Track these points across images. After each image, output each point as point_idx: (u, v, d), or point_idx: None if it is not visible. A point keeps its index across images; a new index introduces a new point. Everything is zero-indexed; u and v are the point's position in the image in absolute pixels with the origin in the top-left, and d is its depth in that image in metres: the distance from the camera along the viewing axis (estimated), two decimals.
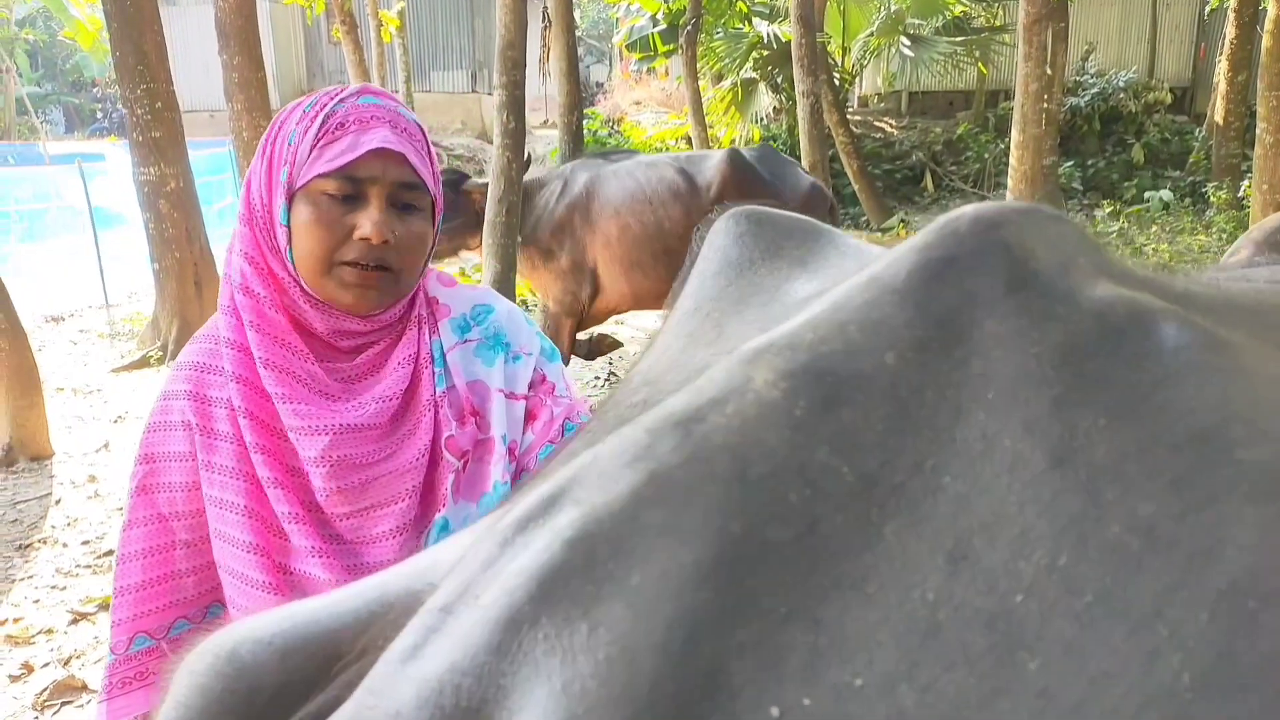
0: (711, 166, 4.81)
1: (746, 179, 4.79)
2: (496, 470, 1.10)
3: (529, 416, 1.14)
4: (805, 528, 0.19)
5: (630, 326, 7.61)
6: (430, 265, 1.16)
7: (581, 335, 5.41)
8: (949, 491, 0.20)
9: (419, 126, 1.10)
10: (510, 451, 1.11)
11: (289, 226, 1.05)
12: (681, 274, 0.32)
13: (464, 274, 7.93)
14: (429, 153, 1.10)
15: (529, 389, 1.15)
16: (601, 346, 5.40)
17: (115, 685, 1.08)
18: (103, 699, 1.08)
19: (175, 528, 1.09)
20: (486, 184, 4.65)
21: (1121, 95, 13.80)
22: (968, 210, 0.23)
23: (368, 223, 1.03)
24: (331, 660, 0.22)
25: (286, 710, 0.22)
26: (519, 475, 1.12)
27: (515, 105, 4.03)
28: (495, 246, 4.01)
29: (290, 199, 1.04)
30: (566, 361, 5.20)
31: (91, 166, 10.06)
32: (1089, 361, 0.21)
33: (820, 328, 0.22)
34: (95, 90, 24.93)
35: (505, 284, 4.01)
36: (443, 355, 1.13)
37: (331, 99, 1.06)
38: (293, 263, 1.06)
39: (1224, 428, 0.20)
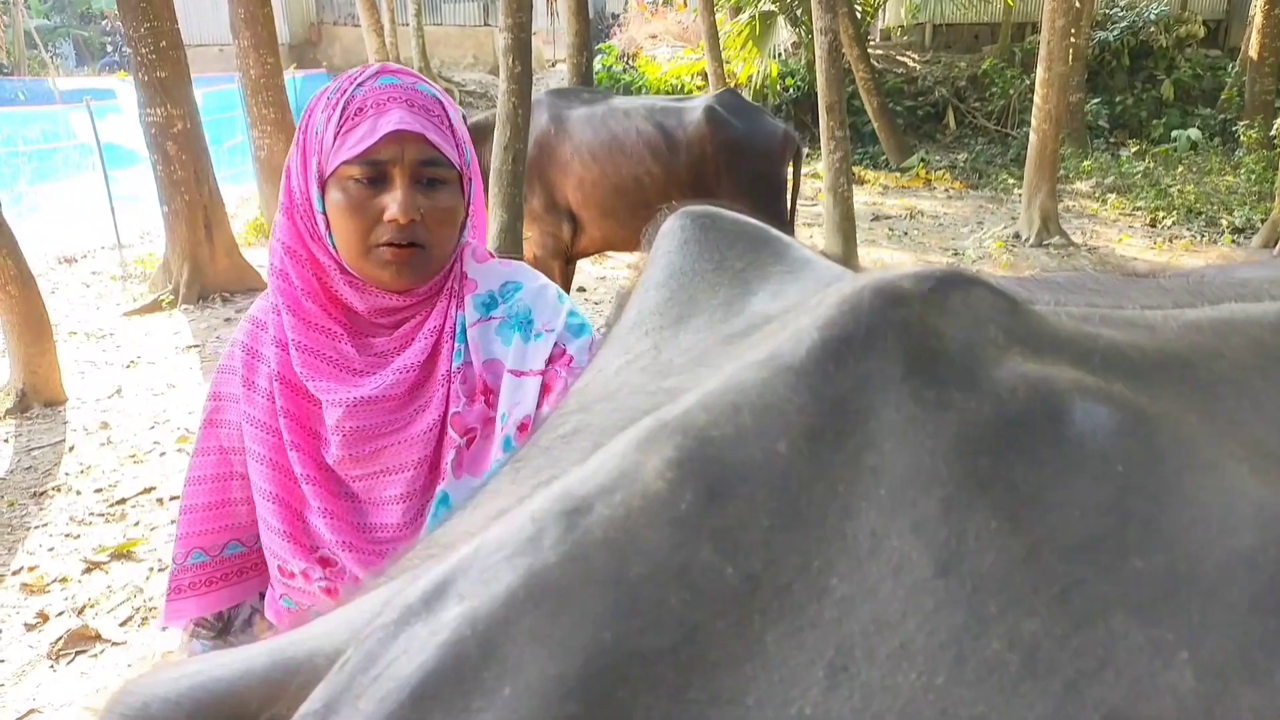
0: (691, 123, 4.76)
1: (725, 135, 4.77)
2: (496, 449, 1.14)
3: (545, 390, 1.15)
4: (684, 635, 0.18)
5: None
6: (468, 239, 1.20)
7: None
8: (835, 594, 0.19)
9: (438, 101, 1.13)
10: (523, 428, 1.13)
11: (326, 214, 1.11)
12: (630, 277, 0.32)
13: None
14: (451, 126, 1.13)
15: (546, 364, 1.15)
16: None
17: (173, 590, 1.21)
18: (166, 600, 1.23)
19: (233, 460, 1.20)
20: None
21: (1152, 29, 13.37)
22: (872, 281, 0.22)
23: (393, 204, 1.08)
24: None
25: None
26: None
27: (521, 48, 3.91)
28: (502, 196, 3.93)
29: (323, 186, 1.11)
30: None
31: (102, 104, 9.97)
32: (984, 455, 0.20)
33: (713, 409, 0.21)
34: (105, 23, 24.60)
35: (513, 234, 3.95)
36: (464, 331, 1.17)
37: (351, 83, 1.11)
38: (334, 247, 1.12)
39: (1120, 530, 0.19)
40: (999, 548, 0.19)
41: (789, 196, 5.22)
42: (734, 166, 4.76)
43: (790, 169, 5.10)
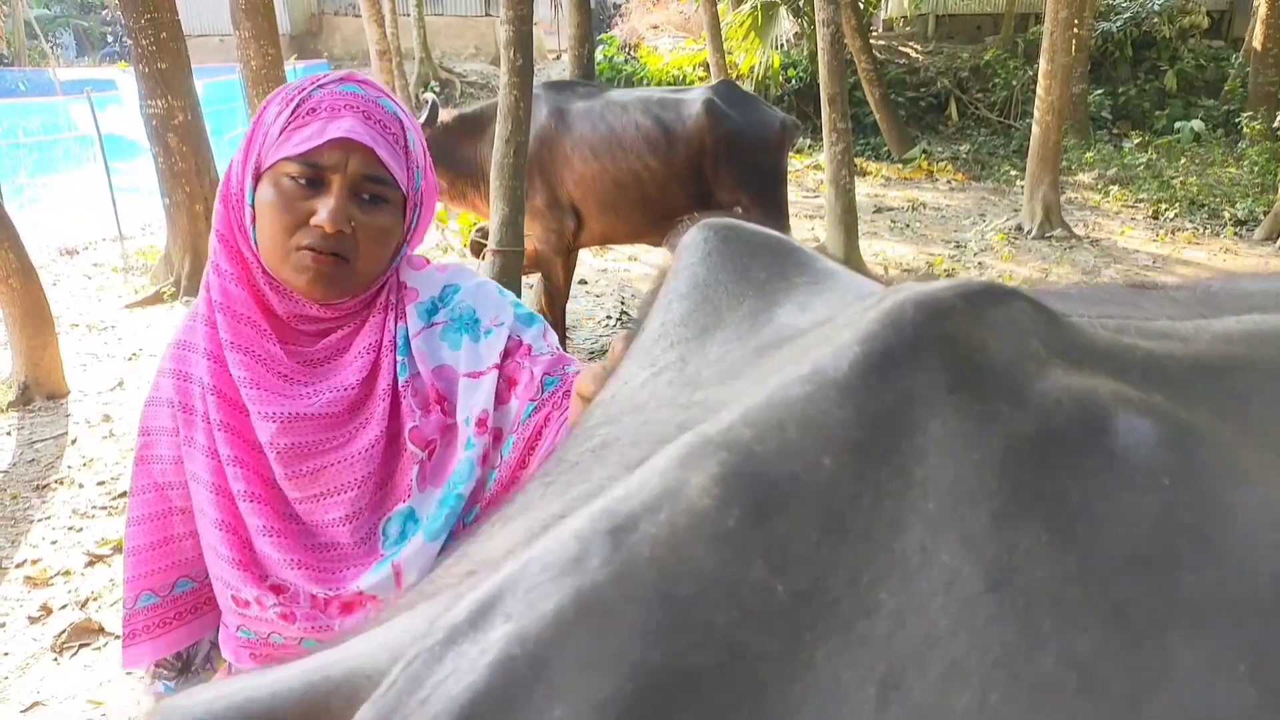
0: (690, 116, 4.76)
1: (724, 128, 4.77)
2: (459, 452, 1.12)
3: (509, 383, 1.13)
4: (733, 654, 0.18)
5: (644, 263, 7.53)
6: (406, 251, 1.15)
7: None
8: (884, 610, 0.19)
9: (398, 119, 1.08)
10: (480, 425, 1.11)
11: (254, 206, 1.06)
12: (651, 288, 0.32)
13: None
14: (405, 147, 1.08)
15: (503, 357, 1.13)
16: None
17: (128, 635, 1.17)
18: (122, 646, 1.19)
19: (171, 495, 1.15)
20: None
21: (1155, 19, 13.33)
22: (913, 295, 0.22)
23: (324, 210, 1.03)
24: None
25: None
26: (499, 441, 1.13)
27: (522, 41, 3.89)
28: (503, 189, 3.92)
29: (257, 179, 1.06)
30: (565, 299, 5.16)
31: (102, 95, 9.94)
32: (1031, 469, 0.19)
33: (757, 424, 0.20)
34: (105, 13, 24.54)
35: (514, 227, 3.94)
36: (408, 342, 1.13)
37: (313, 84, 1.06)
38: (256, 243, 1.07)
39: (1169, 545, 0.19)
40: (1050, 562, 0.19)
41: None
42: (733, 158, 4.76)
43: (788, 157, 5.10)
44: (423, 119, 4.53)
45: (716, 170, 4.78)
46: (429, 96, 5.40)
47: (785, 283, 0.29)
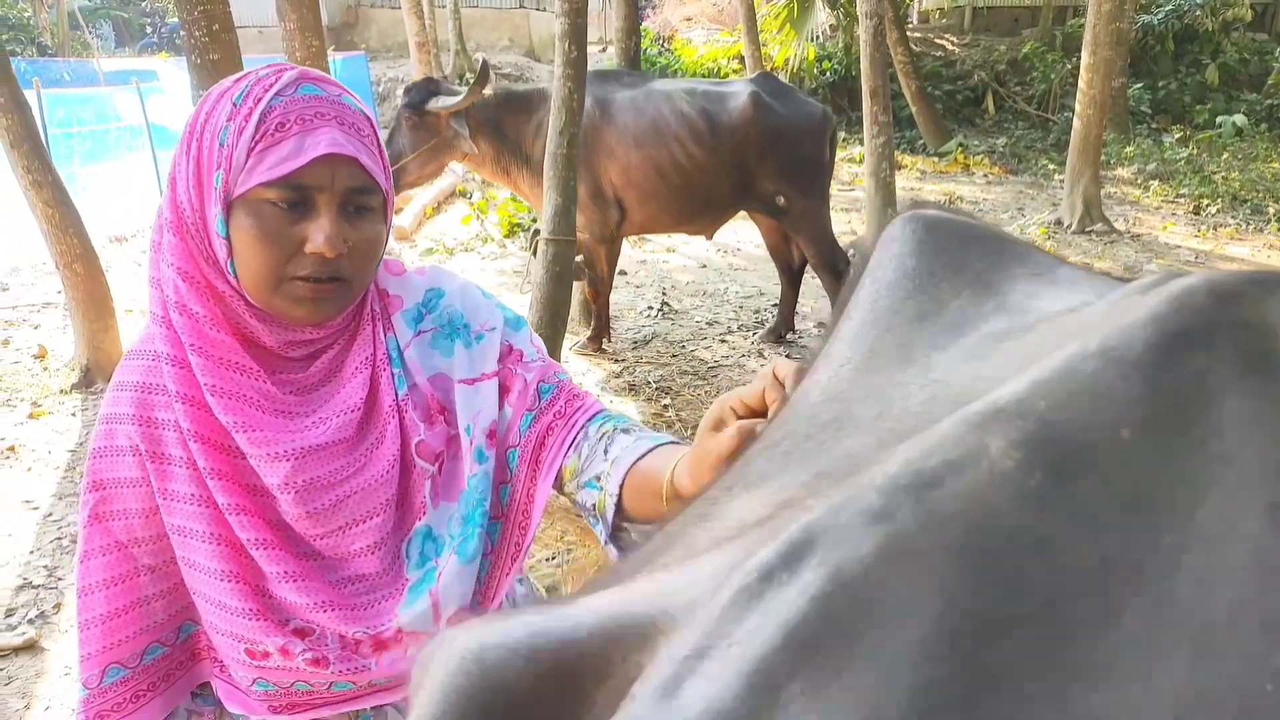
0: (734, 109, 4.85)
1: (769, 119, 4.85)
2: (468, 464, 1.08)
3: (503, 390, 1.11)
4: (1043, 605, 0.19)
5: (682, 255, 7.58)
6: (386, 255, 1.10)
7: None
8: (1191, 574, 0.20)
9: (366, 117, 1.00)
10: (490, 436, 1.08)
11: (228, 238, 0.96)
12: (851, 278, 0.33)
13: (515, 199, 7.93)
14: (379, 145, 1.02)
15: (498, 363, 1.11)
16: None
17: (93, 719, 1.05)
18: None
19: (136, 554, 1.04)
20: (451, 103, 4.79)
21: (1198, 12, 13.16)
22: (1204, 280, 0.23)
23: (319, 235, 0.95)
24: (567, 676, 0.23)
25: (521, 717, 0.23)
26: (504, 455, 1.11)
27: (578, 33, 3.94)
28: (556, 179, 3.98)
29: (227, 208, 0.96)
30: (609, 289, 5.23)
31: (145, 85, 10.12)
32: None
33: (1051, 396, 0.22)
34: (144, 4, 24.88)
35: (566, 216, 4.00)
36: (400, 354, 1.08)
37: (266, 90, 0.95)
38: (235, 276, 0.98)
39: None
40: None
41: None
42: (776, 149, 4.85)
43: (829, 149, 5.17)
44: (473, 82, 4.87)
45: (760, 161, 4.86)
46: (479, 58, 5.59)
47: (1006, 273, 0.30)
